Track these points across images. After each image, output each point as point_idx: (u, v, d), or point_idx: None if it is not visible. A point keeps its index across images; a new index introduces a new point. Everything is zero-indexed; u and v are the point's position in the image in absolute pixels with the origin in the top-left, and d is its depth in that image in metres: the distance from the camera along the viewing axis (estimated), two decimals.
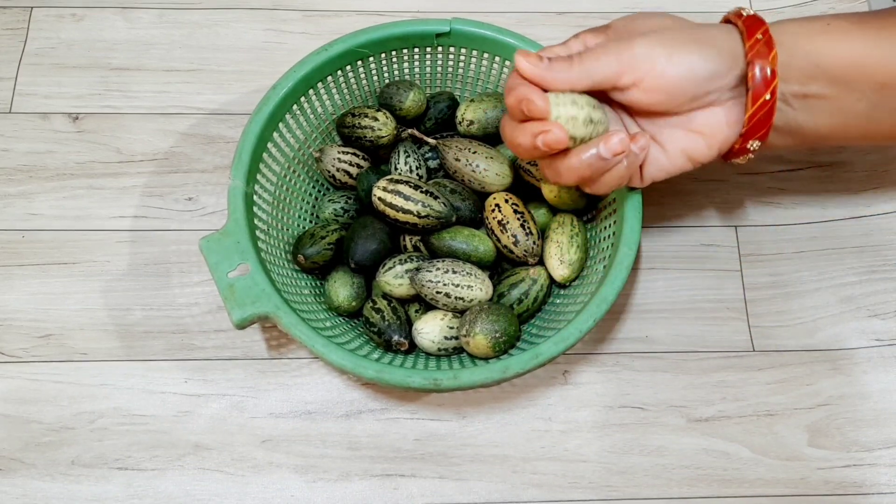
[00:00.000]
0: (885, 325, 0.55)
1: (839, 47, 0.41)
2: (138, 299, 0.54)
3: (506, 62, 0.53)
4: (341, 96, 0.54)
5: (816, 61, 0.41)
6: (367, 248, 0.50)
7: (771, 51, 0.40)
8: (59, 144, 0.59)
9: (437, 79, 0.57)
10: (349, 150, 0.54)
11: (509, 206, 0.50)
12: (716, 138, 0.43)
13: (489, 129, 0.54)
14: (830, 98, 0.42)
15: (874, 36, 0.41)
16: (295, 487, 0.49)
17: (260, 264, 0.45)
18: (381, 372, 0.43)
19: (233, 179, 0.47)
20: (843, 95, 0.42)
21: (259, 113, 0.49)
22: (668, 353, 0.54)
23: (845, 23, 0.42)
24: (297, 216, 0.54)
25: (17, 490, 0.49)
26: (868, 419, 0.52)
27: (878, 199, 0.59)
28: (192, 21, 0.63)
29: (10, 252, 0.55)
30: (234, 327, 0.44)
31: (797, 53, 0.41)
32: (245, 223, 0.46)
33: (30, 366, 0.52)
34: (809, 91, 0.42)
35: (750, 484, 0.50)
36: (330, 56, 0.51)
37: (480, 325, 0.46)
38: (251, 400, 0.52)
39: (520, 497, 0.50)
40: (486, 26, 0.52)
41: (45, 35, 0.62)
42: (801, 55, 0.41)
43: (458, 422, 0.52)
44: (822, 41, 0.41)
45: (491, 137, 0.54)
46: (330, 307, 0.51)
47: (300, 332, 0.43)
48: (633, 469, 0.50)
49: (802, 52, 0.41)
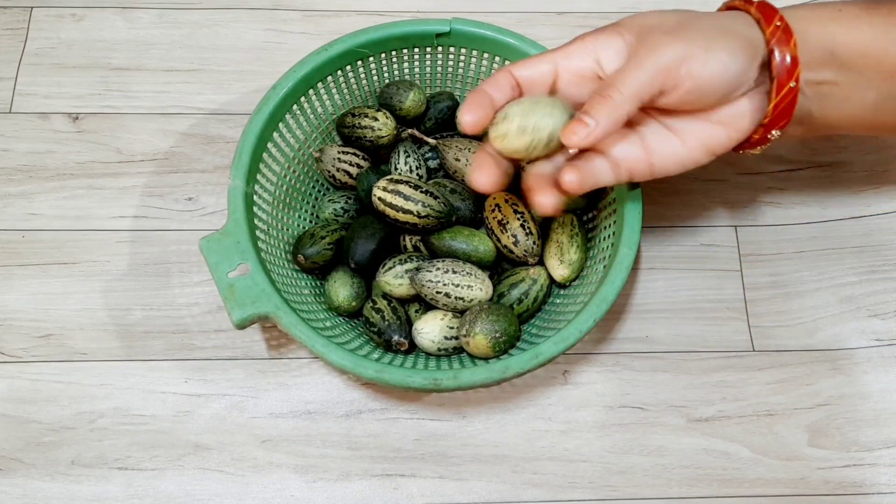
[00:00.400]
0: (885, 325, 0.55)
1: (850, 33, 0.40)
2: (138, 299, 0.54)
3: (506, 62, 0.53)
4: (341, 96, 0.54)
5: (829, 47, 0.40)
6: (367, 248, 0.50)
7: (791, 38, 0.39)
8: (59, 144, 0.59)
9: (437, 79, 0.57)
10: (349, 150, 0.54)
11: (509, 205, 0.50)
12: (737, 129, 0.42)
13: None
14: (841, 85, 0.41)
15: (882, 23, 0.41)
16: (295, 487, 0.50)
17: (260, 264, 0.45)
18: (381, 372, 0.43)
19: (233, 179, 0.47)
20: (852, 83, 0.41)
21: (259, 113, 0.49)
22: (668, 353, 0.54)
23: (856, 8, 0.41)
24: (297, 216, 0.54)
25: (17, 490, 0.49)
26: (868, 419, 0.52)
27: (878, 199, 0.59)
28: (192, 21, 0.63)
29: (11, 252, 0.55)
30: (234, 327, 0.44)
31: (809, 39, 0.40)
32: (245, 223, 0.46)
33: (30, 366, 0.52)
34: (822, 78, 0.41)
35: (750, 484, 0.50)
36: (330, 56, 0.51)
37: (480, 325, 0.46)
38: (251, 400, 0.52)
39: (520, 497, 0.50)
40: (486, 26, 0.52)
41: (45, 35, 0.62)
42: (814, 41, 0.40)
43: (458, 422, 0.52)
44: (833, 27, 0.40)
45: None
46: (330, 307, 0.51)
47: (300, 332, 0.43)
48: (632, 469, 0.50)
49: (815, 38, 0.40)
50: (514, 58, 0.52)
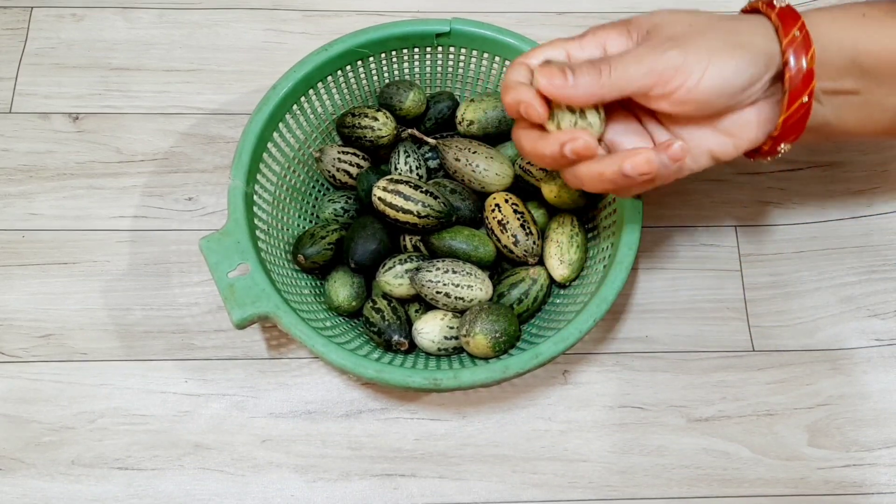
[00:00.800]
0: (885, 325, 0.55)
1: (874, 39, 0.39)
2: (138, 299, 0.54)
3: (505, 62, 0.53)
4: (341, 96, 0.54)
5: (851, 55, 0.39)
6: (367, 248, 0.50)
7: (809, 48, 0.37)
8: (60, 144, 0.59)
9: (437, 79, 0.57)
10: (349, 150, 0.54)
11: (509, 206, 0.50)
12: (744, 139, 0.40)
13: (489, 130, 0.54)
14: (861, 93, 0.40)
15: None
16: (295, 487, 0.50)
17: (260, 264, 0.45)
18: (381, 372, 0.43)
19: (233, 179, 0.47)
20: (873, 90, 0.40)
21: (259, 113, 0.49)
22: (668, 353, 0.54)
23: (880, 12, 0.40)
24: (297, 216, 0.54)
25: (17, 490, 0.49)
26: (868, 419, 0.52)
27: (878, 199, 0.59)
28: (193, 21, 0.63)
29: (11, 252, 0.55)
30: (234, 327, 0.44)
31: (831, 48, 0.39)
32: (245, 223, 0.46)
33: (30, 366, 0.52)
34: (841, 87, 0.40)
35: (750, 484, 0.50)
36: (330, 56, 0.51)
37: (480, 325, 0.46)
38: (251, 400, 0.52)
39: (519, 497, 0.50)
40: (485, 26, 0.52)
41: (45, 35, 0.62)
42: (835, 49, 0.39)
43: (458, 422, 0.52)
44: (857, 32, 0.39)
45: (491, 137, 0.54)
46: (330, 307, 0.51)
47: (300, 332, 0.43)
48: (632, 469, 0.50)
49: (836, 45, 0.39)
50: (514, 57, 0.52)
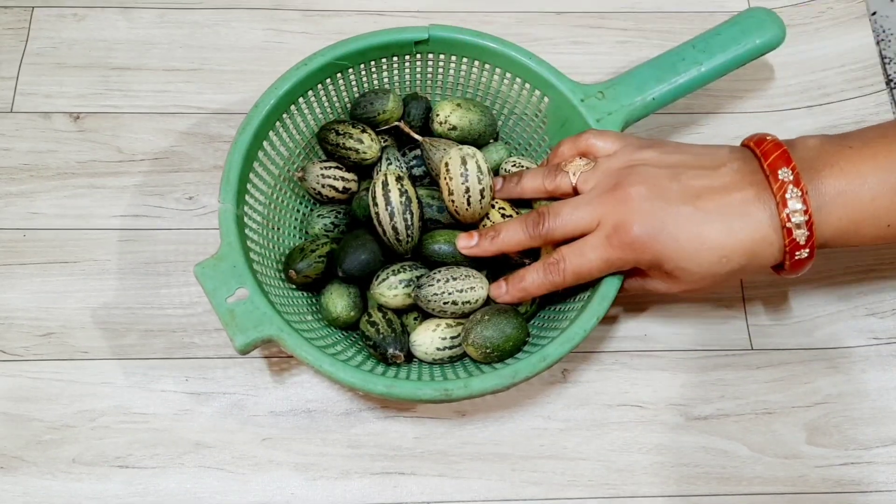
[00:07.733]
0: (883, 324, 0.55)
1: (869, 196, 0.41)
2: (139, 298, 0.54)
3: (485, 66, 0.53)
4: (322, 109, 0.53)
5: (855, 218, 0.41)
6: (357, 258, 0.48)
7: (811, 225, 0.40)
8: (61, 144, 0.59)
9: (416, 86, 0.56)
10: (332, 165, 0.53)
11: (496, 210, 0.50)
12: None
13: (468, 139, 0.53)
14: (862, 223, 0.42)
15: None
16: (295, 485, 0.50)
17: (258, 287, 0.44)
18: (392, 387, 0.42)
19: (222, 203, 0.46)
20: (870, 226, 0.42)
21: (243, 133, 0.48)
22: (667, 352, 0.54)
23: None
24: (288, 234, 0.53)
25: (18, 488, 0.49)
26: (866, 417, 0.52)
27: None
28: (193, 21, 0.64)
29: (12, 251, 0.55)
30: (237, 352, 0.43)
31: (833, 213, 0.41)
32: (239, 246, 0.45)
33: (31, 364, 0.52)
34: (840, 241, 0.43)
35: (748, 482, 0.50)
36: (310, 70, 0.50)
37: (483, 330, 0.46)
38: (251, 398, 0.52)
39: (519, 495, 0.50)
40: (464, 31, 0.51)
41: (46, 35, 0.62)
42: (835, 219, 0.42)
43: (458, 420, 0.52)
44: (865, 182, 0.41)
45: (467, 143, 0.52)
46: (328, 320, 0.50)
47: (307, 354, 0.42)
48: (631, 467, 0.51)
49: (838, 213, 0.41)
50: (495, 61, 0.52)
